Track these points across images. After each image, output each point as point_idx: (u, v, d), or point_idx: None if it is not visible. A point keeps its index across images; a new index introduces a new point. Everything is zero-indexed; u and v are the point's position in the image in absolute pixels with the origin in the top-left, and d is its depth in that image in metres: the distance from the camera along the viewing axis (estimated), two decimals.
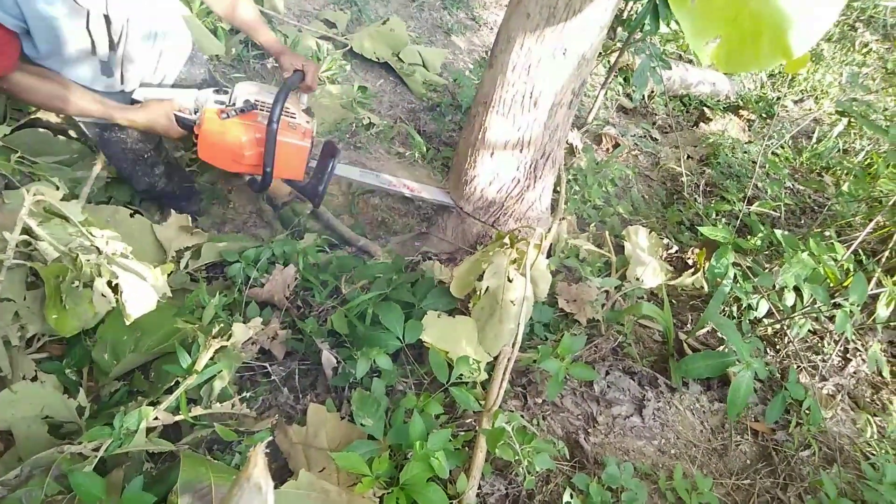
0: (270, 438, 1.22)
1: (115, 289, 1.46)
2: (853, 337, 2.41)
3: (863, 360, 2.42)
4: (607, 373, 2.11)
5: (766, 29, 1.01)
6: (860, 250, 2.78)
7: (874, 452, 2.06)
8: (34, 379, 1.62)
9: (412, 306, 2.06)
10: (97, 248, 1.45)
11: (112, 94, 1.87)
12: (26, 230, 1.40)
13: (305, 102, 2.12)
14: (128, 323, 1.46)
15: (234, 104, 1.88)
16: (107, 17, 1.66)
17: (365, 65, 4.07)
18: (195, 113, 1.92)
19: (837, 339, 2.47)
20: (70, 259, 1.41)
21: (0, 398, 1.44)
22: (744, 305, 2.40)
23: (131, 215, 2.11)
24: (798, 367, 2.30)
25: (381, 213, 3.12)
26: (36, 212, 1.43)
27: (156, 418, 1.44)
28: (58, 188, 1.71)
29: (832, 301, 2.20)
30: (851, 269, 2.50)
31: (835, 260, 2.40)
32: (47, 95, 1.68)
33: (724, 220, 3.33)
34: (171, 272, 1.77)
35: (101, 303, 1.43)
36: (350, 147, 3.39)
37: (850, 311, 2.09)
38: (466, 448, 1.69)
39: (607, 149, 4.01)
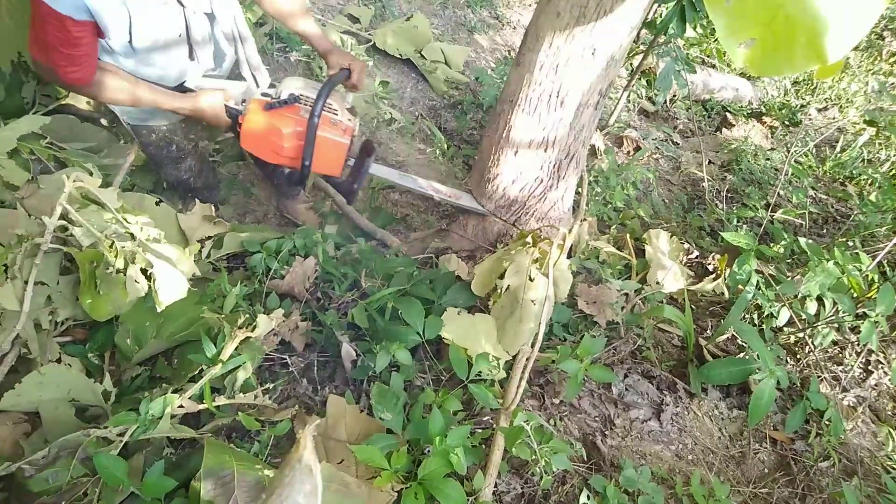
0: (318, 422, 1.22)
1: (147, 276, 1.47)
2: (877, 348, 2.38)
3: (885, 372, 2.39)
4: (626, 376, 2.10)
5: (802, 33, 0.99)
6: (884, 262, 2.75)
7: (895, 466, 2.03)
8: (59, 361, 1.64)
9: (432, 302, 2.06)
10: (131, 234, 1.46)
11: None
12: (63, 216, 1.41)
13: (351, 101, 2.12)
14: (159, 310, 1.47)
15: (278, 96, 1.90)
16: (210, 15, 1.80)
17: (387, 61, 4.08)
18: (242, 104, 1.94)
19: (859, 350, 2.44)
20: (105, 245, 1.43)
21: (28, 379, 1.46)
22: (765, 313, 2.37)
23: (156, 203, 2.13)
24: (819, 377, 2.28)
25: (402, 209, 3.13)
26: (74, 198, 1.45)
27: (180, 406, 1.45)
28: (91, 174, 1.72)
29: (856, 312, 2.18)
30: (876, 281, 2.47)
31: (859, 270, 2.38)
32: (121, 90, 1.72)
33: (745, 226, 3.30)
34: (197, 256, 1.78)
35: (135, 289, 1.44)
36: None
37: (876, 322, 2.07)
38: (483, 445, 1.69)
39: (628, 151, 3.99)
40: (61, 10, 1.43)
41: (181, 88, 1.91)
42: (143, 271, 1.47)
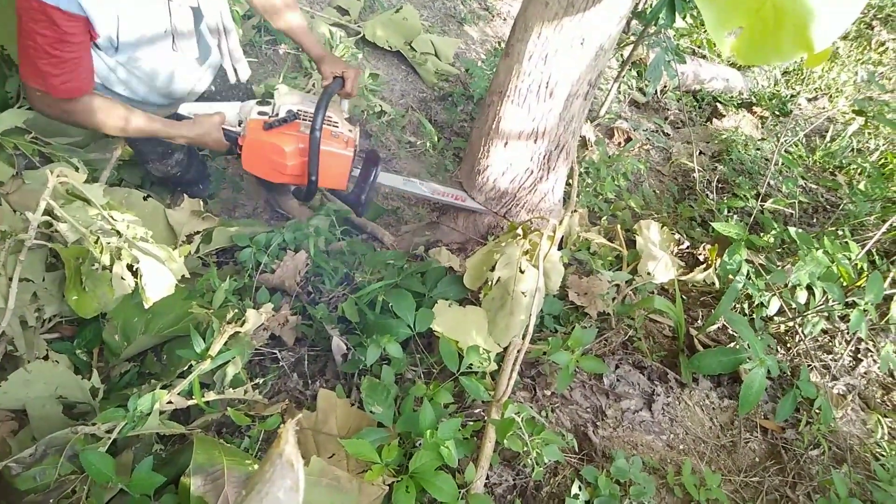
0: (300, 416, 1.21)
1: (134, 272, 1.46)
2: (866, 337, 2.39)
3: (874, 360, 2.40)
4: (617, 366, 2.10)
5: (789, 21, 0.99)
6: (873, 250, 2.76)
7: (884, 453, 2.05)
8: (46, 358, 1.62)
9: (422, 295, 2.05)
10: (117, 231, 1.45)
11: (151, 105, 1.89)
12: (48, 211, 1.40)
13: (347, 111, 2.09)
14: (146, 306, 1.46)
15: (276, 114, 1.87)
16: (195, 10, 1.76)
17: (377, 53, 4.05)
18: (239, 125, 1.91)
19: (849, 338, 2.45)
20: (90, 241, 1.41)
21: (15, 377, 1.45)
22: (755, 303, 2.38)
23: (144, 198, 2.11)
24: (809, 365, 2.29)
25: (392, 201, 3.12)
26: (58, 193, 1.43)
27: (169, 402, 1.44)
28: (77, 169, 1.70)
29: (846, 300, 2.19)
30: (865, 269, 2.49)
31: (849, 259, 2.39)
32: (116, 116, 1.66)
33: (735, 216, 3.31)
34: (188, 255, 1.76)
35: (121, 286, 1.42)
36: (361, 135, 3.38)
37: (865, 311, 2.08)
38: (475, 438, 1.69)
39: (619, 143, 3.98)
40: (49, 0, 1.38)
41: (176, 116, 1.87)
42: (130, 267, 1.46)
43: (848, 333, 2.47)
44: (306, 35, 2.06)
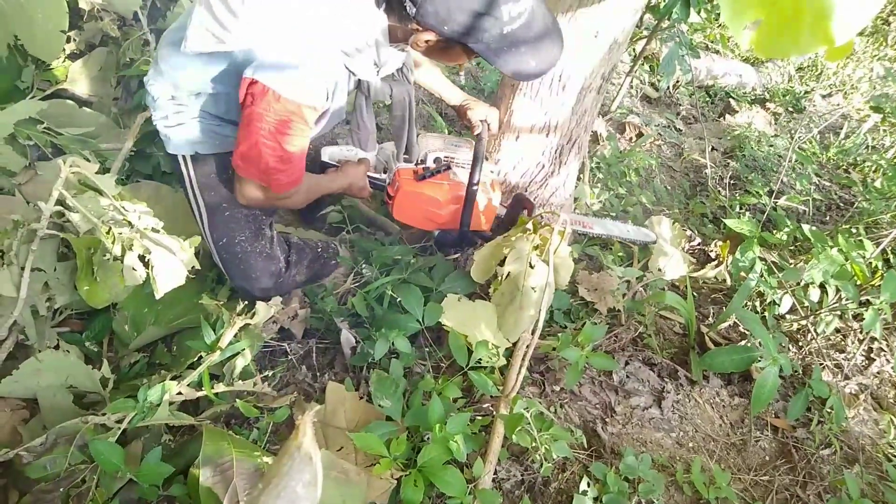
0: (318, 408, 1.21)
1: (145, 263, 1.46)
2: (880, 336, 2.36)
3: (887, 360, 2.38)
4: (627, 363, 2.09)
5: (808, 13, 0.97)
6: (888, 249, 2.73)
7: None
8: (56, 348, 1.63)
9: (431, 290, 2.04)
10: (129, 221, 1.45)
11: None
12: (60, 201, 1.40)
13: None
14: (157, 297, 1.46)
15: (423, 162, 1.87)
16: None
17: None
18: (384, 172, 1.91)
19: (862, 338, 2.43)
20: (102, 232, 1.41)
21: (26, 366, 1.45)
22: (768, 300, 2.36)
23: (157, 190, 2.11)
24: (821, 364, 2.27)
25: None
26: (71, 183, 1.43)
27: (179, 393, 1.45)
28: (88, 160, 1.70)
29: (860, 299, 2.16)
30: (879, 268, 2.46)
31: (863, 257, 2.36)
32: (305, 190, 1.68)
33: (748, 213, 3.28)
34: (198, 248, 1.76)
35: (132, 276, 1.43)
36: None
37: (880, 310, 2.05)
38: (483, 433, 1.68)
39: (630, 138, 3.95)
40: (307, 101, 1.37)
41: (323, 165, 1.87)
42: (141, 258, 1.46)
43: (861, 332, 2.44)
44: (446, 85, 2.04)
